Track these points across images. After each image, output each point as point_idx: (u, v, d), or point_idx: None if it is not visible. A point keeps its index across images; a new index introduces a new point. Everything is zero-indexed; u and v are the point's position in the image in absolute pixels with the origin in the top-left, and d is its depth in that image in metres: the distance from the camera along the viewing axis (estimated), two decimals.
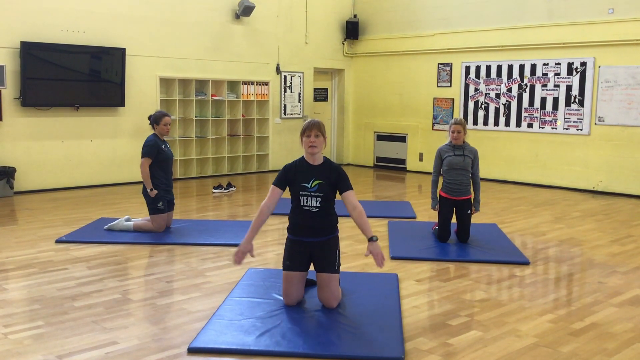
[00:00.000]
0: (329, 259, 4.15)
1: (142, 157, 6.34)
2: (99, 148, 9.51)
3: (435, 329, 3.91)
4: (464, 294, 4.64)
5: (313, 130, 4.08)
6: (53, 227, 6.72)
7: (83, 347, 3.56)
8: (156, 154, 6.36)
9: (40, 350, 3.51)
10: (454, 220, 6.24)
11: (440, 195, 6.26)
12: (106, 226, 6.51)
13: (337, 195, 4.24)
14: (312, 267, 4.30)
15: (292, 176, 4.19)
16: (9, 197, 8.51)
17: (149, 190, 6.31)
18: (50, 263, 5.30)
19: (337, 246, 4.25)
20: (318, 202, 4.12)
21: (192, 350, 3.50)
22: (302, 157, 4.24)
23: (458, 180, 6.11)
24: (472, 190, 6.24)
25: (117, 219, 6.68)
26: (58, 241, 6.03)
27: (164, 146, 6.46)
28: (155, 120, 6.49)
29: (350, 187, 4.16)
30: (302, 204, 4.15)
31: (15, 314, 4.08)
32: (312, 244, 4.17)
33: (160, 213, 6.35)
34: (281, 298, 4.31)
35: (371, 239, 4.02)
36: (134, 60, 9.67)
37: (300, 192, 4.15)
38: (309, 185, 4.12)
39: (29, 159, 8.85)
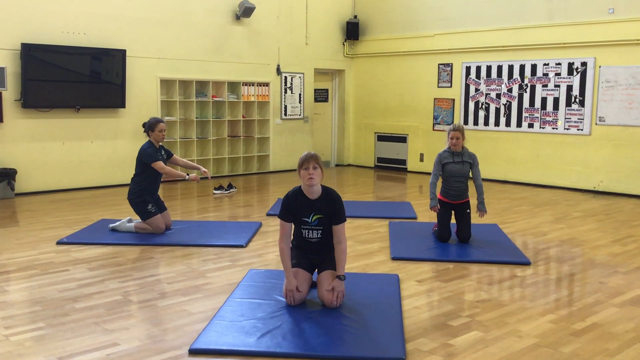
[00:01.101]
0: (331, 262, 4.30)
1: (152, 163, 6.29)
2: (99, 149, 9.52)
3: (436, 330, 3.91)
4: (465, 295, 4.64)
5: (311, 162, 4.10)
6: (54, 228, 6.72)
7: (84, 348, 3.56)
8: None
9: (42, 352, 3.51)
10: (453, 220, 6.27)
11: (439, 199, 6.31)
12: (111, 225, 6.52)
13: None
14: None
15: (293, 209, 4.24)
16: (10, 198, 8.51)
17: (186, 176, 6.40)
18: (51, 264, 5.31)
19: None
20: (319, 234, 4.29)
21: (193, 352, 3.50)
22: (300, 189, 4.25)
23: (456, 187, 6.21)
24: (468, 194, 6.30)
25: (119, 220, 6.68)
26: (59, 243, 6.04)
27: (159, 153, 6.45)
28: (150, 127, 6.45)
29: (342, 220, 4.24)
30: (304, 235, 4.32)
31: (16, 316, 4.08)
32: (315, 258, 4.39)
33: (153, 215, 6.35)
34: (282, 299, 4.31)
35: (339, 277, 4.15)
36: (134, 61, 9.68)
37: (302, 226, 4.29)
38: (309, 220, 4.25)
39: (29, 160, 8.86)
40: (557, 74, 9.94)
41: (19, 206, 8.08)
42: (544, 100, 10.14)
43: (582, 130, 9.72)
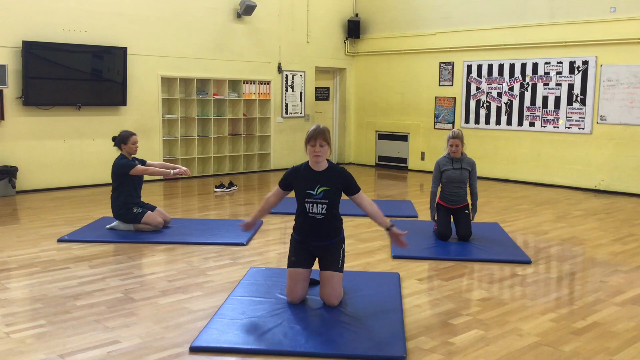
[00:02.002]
0: (333, 258, 4.21)
1: (130, 170, 6.29)
2: (100, 147, 9.52)
3: (437, 328, 3.91)
4: (466, 293, 4.64)
5: (318, 139, 4.07)
6: (55, 226, 6.73)
7: (85, 346, 3.56)
8: (130, 174, 6.36)
9: (43, 349, 3.52)
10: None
11: (438, 202, 6.38)
12: (108, 225, 6.53)
13: (343, 195, 4.27)
14: (316, 265, 4.32)
15: (297, 181, 4.21)
16: (11, 196, 8.52)
17: (170, 172, 6.42)
18: (52, 262, 5.31)
19: (342, 246, 4.29)
20: (324, 209, 4.13)
21: (194, 349, 3.51)
22: (307, 163, 4.23)
23: (456, 193, 6.25)
24: (467, 198, 6.35)
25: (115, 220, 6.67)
26: (60, 240, 6.04)
27: (134, 161, 6.45)
28: (122, 140, 6.43)
29: (358, 189, 4.21)
30: (307, 210, 4.16)
31: (17, 313, 4.08)
32: (317, 247, 4.23)
33: (143, 215, 6.35)
34: (283, 297, 4.31)
35: (388, 228, 4.16)
36: (135, 59, 9.68)
37: (306, 199, 4.16)
38: (314, 192, 4.13)
39: (30, 158, 8.86)
40: (559, 73, 9.93)
41: (20, 204, 8.09)
42: (545, 99, 10.13)
43: (583, 129, 9.72)
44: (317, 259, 4.28)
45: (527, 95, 10.33)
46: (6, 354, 3.45)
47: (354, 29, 12.53)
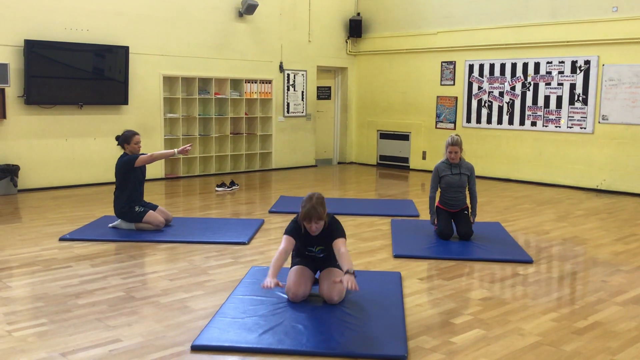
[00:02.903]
0: (333, 264, 4.36)
1: (135, 161, 6.33)
2: (102, 146, 9.52)
3: (438, 328, 3.91)
4: (467, 293, 4.64)
5: (313, 220, 4.10)
6: (57, 224, 6.73)
7: (87, 344, 3.57)
8: (134, 170, 6.39)
9: (44, 347, 3.52)
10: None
11: (437, 206, 6.40)
12: (110, 224, 6.54)
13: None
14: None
15: (297, 239, 4.26)
16: (13, 195, 8.52)
17: (175, 151, 6.51)
18: (53, 261, 5.32)
19: None
20: (322, 255, 4.35)
21: (195, 348, 3.51)
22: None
23: (455, 197, 6.28)
24: (467, 202, 6.37)
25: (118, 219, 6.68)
26: (62, 239, 6.05)
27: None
28: (125, 140, 6.45)
29: (340, 236, 4.19)
30: (307, 253, 4.38)
31: (19, 312, 4.09)
32: (317, 269, 4.43)
33: (144, 214, 6.36)
34: (284, 296, 4.31)
35: (347, 272, 3.95)
36: (137, 58, 9.68)
37: (306, 252, 4.36)
38: (313, 249, 4.35)
39: (32, 156, 8.87)
40: (560, 72, 9.92)
41: (22, 202, 8.10)
42: (547, 99, 10.12)
43: (585, 128, 9.71)
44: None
45: (529, 95, 10.32)
46: (8, 352, 3.45)
47: (355, 28, 12.52)
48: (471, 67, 11.02)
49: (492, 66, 10.74)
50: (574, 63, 9.76)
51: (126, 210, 6.37)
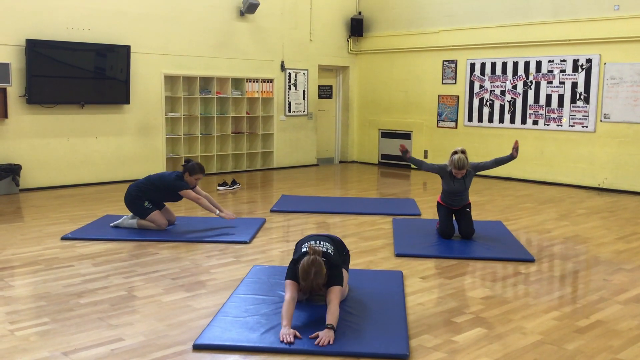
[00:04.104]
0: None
1: (184, 191, 6.31)
2: (104, 145, 9.53)
3: (440, 326, 3.91)
4: (469, 291, 4.64)
5: (314, 291, 3.92)
6: (59, 224, 6.74)
7: (89, 343, 3.57)
8: (174, 193, 6.39)
9: (46, 346, 3.53)
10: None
11: (438, 202, 6.37)
12: (112, 223, 6.54)
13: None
14: None
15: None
16: (15, 194, 8.53)
17: (217, 212, 6.38)
18: (56, 260, 5.32)
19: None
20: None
21: (197, 347, 3.52)
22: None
23: (457, 199, 6.24)
24: (469, 198, 6.34)
25: (123, 216, 6.69)
26: (64, 238, 6.05)
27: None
28: (191, 169, 6.42)
29: (334, 284, 3.90)
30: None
31: (21, 311, 4.10)
32: None
33: (151, 211, 6.36)
34: None
35: (327, 326, 3.66)
36: (138, 57, 9.68)
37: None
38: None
39: (34, 156, 8.88)
40: (562, 71, 9.91)
41: (24, 202, 8.11)
42: (548, 97, 10.11)
43: (586, 127, 9.70)
44: None
45: (531, 94, 10.32)
46: (10, 351, 3.46)
47: (357, 27, 12.51)
48: (473, 65, 11.01)
49: (493, 65, 10.73)
50: (575, 62, 9.75)
51: (137, 200, 6.37)
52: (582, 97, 9.71)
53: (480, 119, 10.99)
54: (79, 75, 9.13)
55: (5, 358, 3.37)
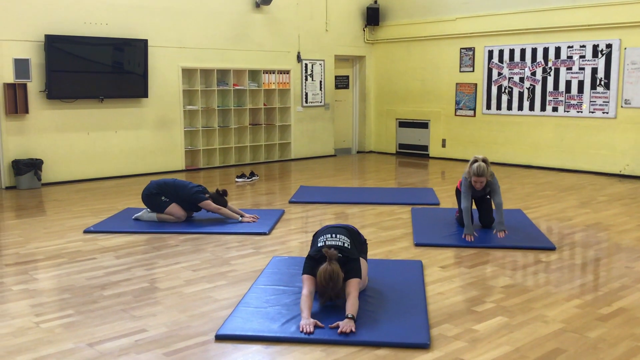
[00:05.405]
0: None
1: (203, 202, 6.38)
2: (123, 139, 9.61)
3: (461, 315, 3.91)
4: (489, 280, 4.62)
5: (331, 295, 3.87)
6: (81, 217, 6.82)
7: (113, 334, 3.62)
8: (194, 205, 6.47)
9: (71, 338, 3.59)
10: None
11: (457, 188, 6.17)
12: (134, 216, 6.61)
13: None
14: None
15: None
16: (37, 188, 8.65)
17: (239, 218, 6.44)
18: (78, 253, 5.40)
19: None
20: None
21: (219, 337, 3.55)
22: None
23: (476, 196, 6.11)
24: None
25: (143, 209, 6.75)
26: (86, 231, 6.13)
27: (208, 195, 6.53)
28: (217, 199, 6.47)
29: (353, 276, 3.92)
30: None
31: (45, 304, 4.16)
32: None
33: (168, 205, 6.41)
34: None
35: (347, 316, 3.67)
36: (156, 51, 9.73)
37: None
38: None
39: (55, 150, 8.98)
40: (582, 57, 9.78)
41: (46, 196, 8.21)
42: (568, 84, 9.99)
43: (607, 113, 9.57)
44: None
45: (550, 80, 10.20)
46: (36, 343, 3.52)
47: (373, 16, 12.45)
48: (491, 53, 10.91)
49: (512, 52, 10.62)
50: (595, 47, 9.62)
51: (154, 195, 6.43)
52: (602, 82, 9.59)
53: (499, 107, 10.90)
54: (98, 69, 9.21)
55: (31, 350, 3.43)
